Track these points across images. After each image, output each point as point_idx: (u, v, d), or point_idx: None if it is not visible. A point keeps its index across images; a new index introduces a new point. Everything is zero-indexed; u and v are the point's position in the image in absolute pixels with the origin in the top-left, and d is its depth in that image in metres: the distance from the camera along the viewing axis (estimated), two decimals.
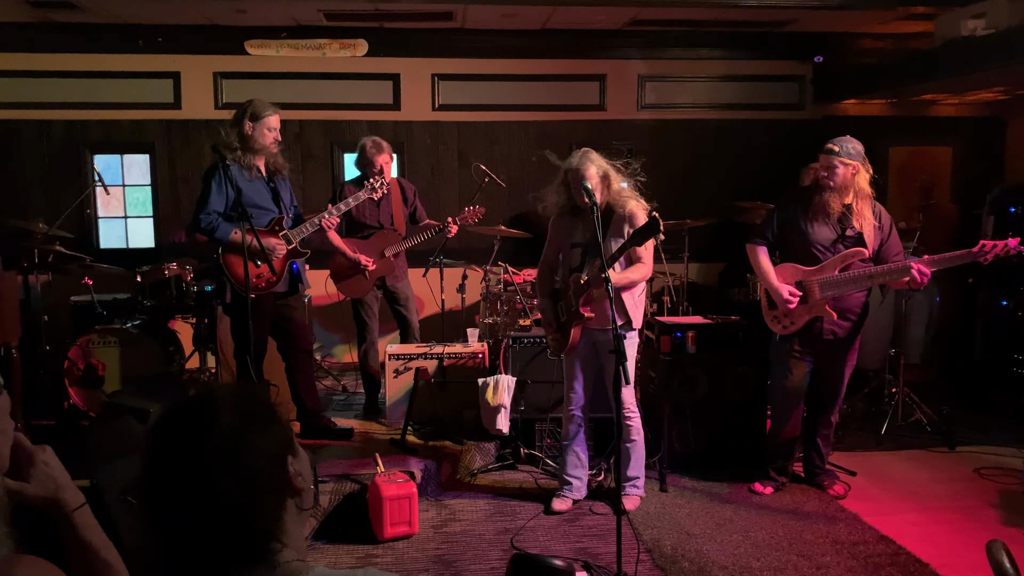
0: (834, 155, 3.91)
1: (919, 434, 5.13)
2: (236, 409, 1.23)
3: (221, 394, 1.26)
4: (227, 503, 1.17)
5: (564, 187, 3.91)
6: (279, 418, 1.29)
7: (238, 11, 6.15)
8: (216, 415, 1.21)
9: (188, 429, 1.21)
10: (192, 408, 1.25)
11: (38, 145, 6.69)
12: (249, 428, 1.22)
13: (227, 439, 1.19)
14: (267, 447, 1.23)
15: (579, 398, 4.04)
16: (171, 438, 1.22)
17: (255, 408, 1.26)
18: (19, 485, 1.46)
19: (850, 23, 6.69)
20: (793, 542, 3.69)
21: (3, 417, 1.46)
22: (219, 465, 1.17)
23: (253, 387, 1.28)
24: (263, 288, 4.27)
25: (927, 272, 3.75)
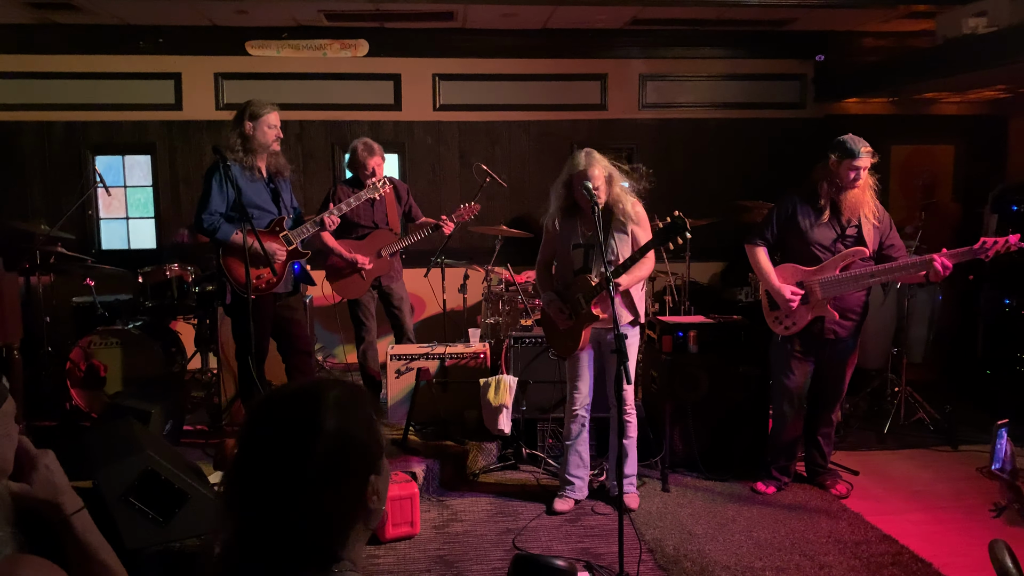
0: (867, 157, 3.88)
1: (921, 433, 5.12)
2: (340, 412, 1.20)
3: (329, 392, 1.22)
4: (306, 509, 1.15)
5: (566, 188, 3.90)
6: (376, 431, 1.26)
7: (239, 12, 6.15)
8: (321, 414, 1.18)
9: (292, 422, 1.18)
10: (299, 401, 1.22)
11: (39, 146, 6.70)
12: (349, 438, 1.19)
13: (328, 445, 1.16)
14: (360, 462, 1.21)
15: (584, 397, 4.03)
16: (273, 427, 1.19)
17: (358, 416, 1.23)
18: (22, 488, 1.47)
19: (851, 22, 6.68)
20: (796, 542, 3.68)
21: (7, 421, 1.46)
22: (314, 470, 1.15)
23: (360, 391, 1.29)
24: (263, 289, 4.27)
25: (950, 264, 3.72)
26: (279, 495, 1.15)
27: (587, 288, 3.79)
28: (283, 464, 1.15)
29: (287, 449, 1.16)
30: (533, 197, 7.08)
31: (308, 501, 1.15)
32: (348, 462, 1.18)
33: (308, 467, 1.15)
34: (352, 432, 1.20)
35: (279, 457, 1.16)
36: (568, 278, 3.96)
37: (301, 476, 1.15)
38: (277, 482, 1.15)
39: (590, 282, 3.79)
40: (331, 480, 1.16)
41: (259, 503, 1.16)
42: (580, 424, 4.05)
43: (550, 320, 4.08)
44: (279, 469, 1.15)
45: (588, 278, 3.80)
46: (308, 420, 1.18)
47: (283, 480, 1.15)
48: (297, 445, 1.16)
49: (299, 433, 1.17)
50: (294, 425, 1.18)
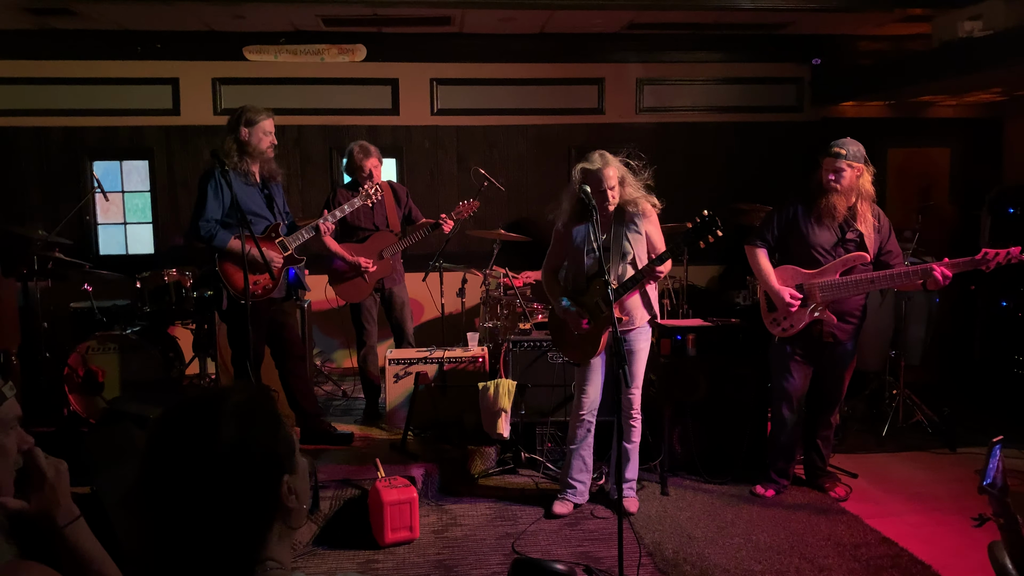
0: (841, 159, 3.91)
1: (920, 435, 5.13)
2: (239, 419, 1.20)
3: (226, 400, 1.22)
4: (216, 518, 1.16)
5: (574, 194, 3.84)
6: (281, 432, 1.25)
7: (236, 17, 6.16)
8: (219, 424, 1.18)
9: (189, 435, 1.18)
10: (195, 412, 1.22)
11: (37, 152, 6.69)
12: (251, 443, 1.19)
13: (228, 453, 1.17)
14: (266, 465, 1.20)
15: (592, 402, 4.00)
16: (171, 442, 1.19)
17: (260, 420, 1.23)
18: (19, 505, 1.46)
19: (848, 25, 6.70)
20: (795, 545, 3.68)
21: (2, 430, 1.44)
22: (217, 479, 1.15)
23: (259, 394, 1.29)
24: (259, 295, 4.27)
25: (950, 274, 3.73)
26: (184, 506, 1.16)
27: (607, 290, 3.78)
28: (184, 476, 1.16)
29: (186, 461, 1.16)
30: (531, 201, 7.09)
31: (215, 509, 1.15)
32: (252, 467, 1.18)
33: (210, 476, 1.15)
34: (253, 437, 1.19)
35: (179, 469, 1.16)
36: (580, 283, 3.92)
37: (205, 485, 1.15)
38: (180, 494, 1.16)
39: (611, 284, 3.78)
40: (235, 487, 1.16)
41: (166, 515, 1.17)
42: (586, 429, 4.03)
43: (561, 326, 4.02)
44: (181, 481, 1.16)
45: (608, 281, 3.79)
46: (204, 431, 1.18)
47: (186, 491, 1.15)
48: (195, 456, 1.16)
49: (196, 444, 1.17)
50: (190, 437, 1.18)
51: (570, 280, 4.00)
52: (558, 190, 6.96)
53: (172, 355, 5.55)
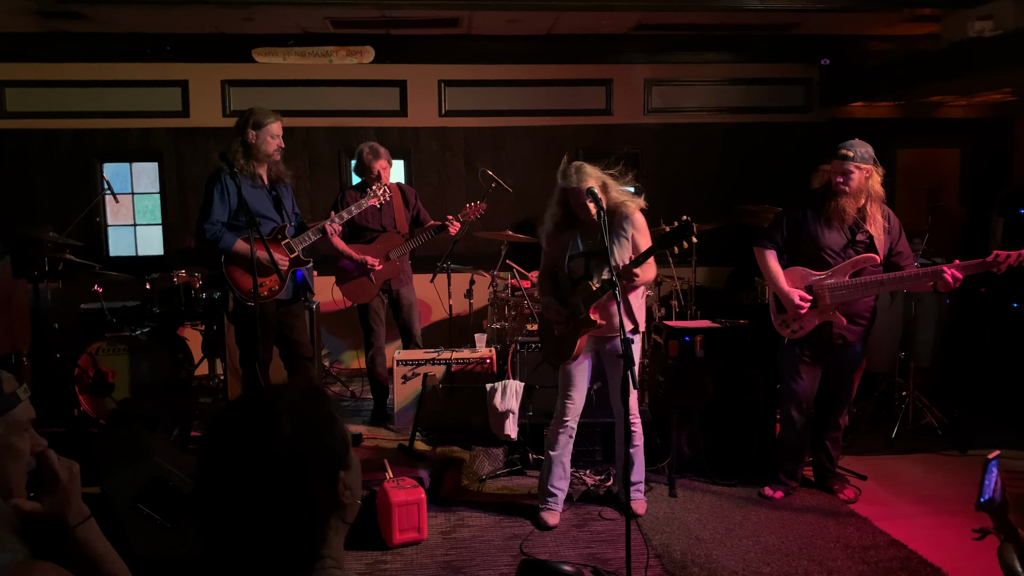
0: (849, 160, 3.89)
1: (930, 437, 5.10)
2: (297, 416, 1.21)
3: (282, 398, 1.23)
4: (277, 513, 1.16)
5: (560, 204, 3.86)
6: (336, 428, 1.27)
7: (245, 19, 6.19)
8: (278, 420, 1.19)
9: (249, 432, 1.19)
10: (254, 410, 1.23)
11: (48, 154, 6.74)
12: (309, 440, 1.20)
13: (287, 451, 1.17)
14: (323, 461, 1.22)
15: (576, 408, 3.96)
16: (232, 439, 1.20)
17: (316, 418, 1.24)
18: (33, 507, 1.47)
19: (856, 25, 6.68)
20: (803, 547, 3.67)
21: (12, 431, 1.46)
22: (277, 477, 1.16)
23: (313, 392, 1.30)
24: (266, 297, 4.28)
25: (960, 276, 3.71)
26: (246, 504, 1.16)
27: (587, 293, 3.77)
28: (245, 473, 1.17)
29: (246, 459, 1.17)
30: (538, 202, 7.03)
31: (276, 507, 1.16)
32: (310, 464, 1.19)
33: (270, 474, 1.16)
34: (311, 434, 1.21)
35: (240, 467, 1.17)
36: (567, 289, 3.91)
37: (265, 483, 1.16)
38: (242, 492, 1.16)
39: (591, 287, 3.77)
40: (296, 483, 1.17)
41: (228, 514, 1.17)
42: (568, 436, 3.98)
43: (547, 326, 4.03)
44: (242, 479, 1.17)
45: (589, 284, 3.78)
46: (264, 428, 1.19)
47: (248, 489, 1.16)
48: (256, 454, 1.17)
49: (256, 442, 1.18)
50: (251, 434, 1.19)
51: (563, 283, 3.98)
52: None
53: (181, 356, 5.57)
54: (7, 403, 1.45)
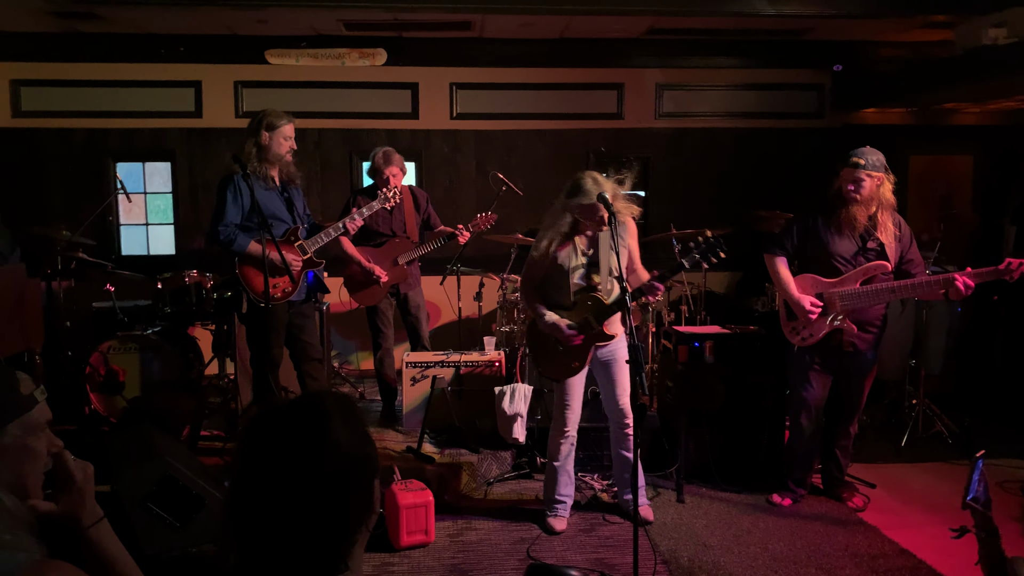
0: (860, 169, 3.87)
1: (940, 446, 5.07)
2: (347, 423, 1.21)
3: (326, 403, 1.23)
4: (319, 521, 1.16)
5: (572, 213, 3.77)
6: (371, 438, 1.27)
7: (259, 21, 6.21)
8: (330, 425, 1.18)
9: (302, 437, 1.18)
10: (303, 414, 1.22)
11: (62, 153, 6.79)
12: (356, 446, 1.20)
13: (339, 456, 1.17)
14: (367, 468, 1.22)
15: (577, 417, 3.95)
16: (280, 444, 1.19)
17: (359, 424, 1.24)
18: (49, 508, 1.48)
19: (869, 32, 6.66)
20: (812, 555, 3.66)
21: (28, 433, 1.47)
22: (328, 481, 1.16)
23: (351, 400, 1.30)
24: (279, 298, 4.30)
25: (972, 284, 3.70)
26: (288, 509, 1.15)
27: (600, 306, 3.74)
28: (292, 479, 1.15)
29: (298, 463, 1.16)
30: (549, 205, 7.08)
31: (324, 513, 1.15)
32: (358, 472, 1.19)
33: (321, 481, 1.15)
34: (358, 442, 1.21)
35: (288, 472, 1.16)
36: (563, 299, 3.84)
37: (313, 490, 1.15)
38: (286, 497, 1.15)
39: (601, 300, 3.75)
40: (346, 491, 1.17)
41: (267, 517, 1.16)
42: (570, 444, 3.98)
43: (544, 341, 3.91)
44: (288, 484, 1.15)
45: (598, 296, 3.78)
46: (318, 434, 1.18)
47: (293, 495, 1.15)
48: (309, 459, 1.16)
49: (310, 447, 1.17)
50: (304, 439, 1.18)
51: (551, 296, 3.89)
52: None
53: (192, 355, 5.60)
54: (24, 405, 1.47)
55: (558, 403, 3.95)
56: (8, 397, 1.45)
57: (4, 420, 1.43)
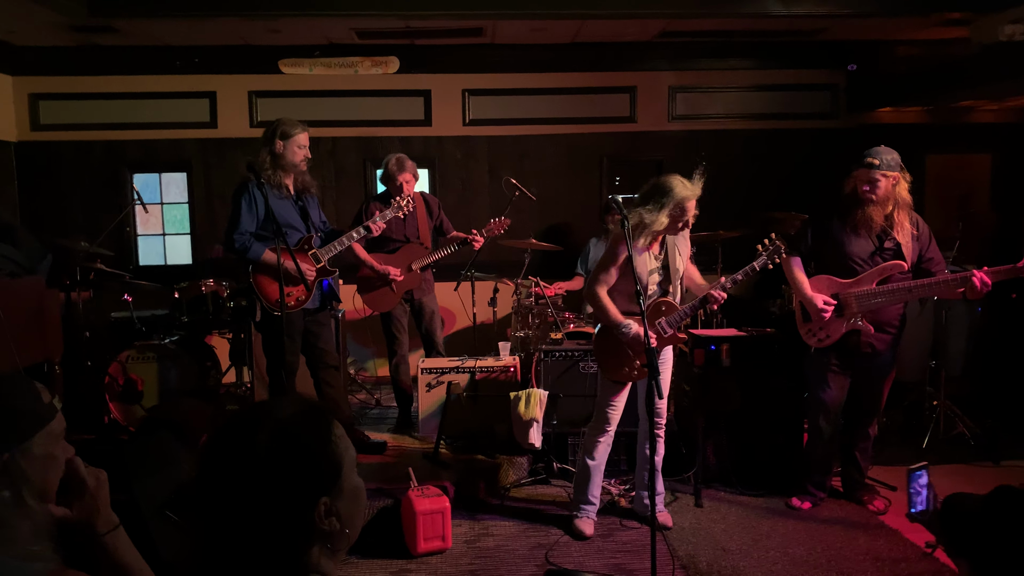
0: (875, 169, 3.84)
1: (962, 448, 5.01)
2: (279, 435, 1.18)
3: (271, 414, 1.21)
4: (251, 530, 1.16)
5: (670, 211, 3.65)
6: (327, 450, 1.22)
7: (272, 31, 6.26)
8: (255, 436, 1.17)
9: (230, 444, 1.19)
10: (239, 423, 1.22)
11: (80, 165, 6.87)
12: (283, 459, 1.17)
13: (257, 466, 1.16)
14: (297, 483, 1.17)
15: (618, 417, 3.96)
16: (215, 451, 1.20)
17: (302, 438, 1.20)
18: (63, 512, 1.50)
19: (884, 30, 6.61)
20: (832, 559, 3.62)
21: (53, 442, 1.49)
22: (249, 489, 1.15)
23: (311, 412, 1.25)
24: (292, 307, 4.32)
25: (989, 282, 3.65)
26: (223, 515, 1.16)
27: (675, 311, 3.80)
28: (222, 485, 1.17)
29: (223, 470, 1.17)
30: (563, 210, 7.10)
31: (250, 521, 1.15)
32: (281, 483, 1.16)
33: (244, 487, 1.15)
34: (289, 453, 1.17)
35: (217, 477, 1.18)
36: (632, 305, 3.69)
37: (239, 496, 1.15)
38: (218, 502, 1.16)
39: (676, 306, 3.81)
40: (265, 501, 1.15)
41: (208, 521, 1.18)
42: (607, 444, 3.98)
43: (615, 348, 3.81)
44: (218, 489, 1.17)
45: (672, 302, 3.82)
46: (241, 441, 1.18)
47: (222, 500, 1.16)
48: (231, 466, 1.17)
49: (233, 454, 1.17)
50: (230, 446, 1.19)
51: (617, 301, 3.79)
52: (590, 199, 7.03)
53: (209, 364, 5.63)
54: (48, 414, 1.49)
55: (603, 403, 3.94)
56: (34, 407, 1.47)
57: (33, 430, 1.45)
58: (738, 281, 3.79)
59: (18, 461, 1.41)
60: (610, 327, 3.78)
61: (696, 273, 4.00)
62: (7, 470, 1.40)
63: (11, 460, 1.40)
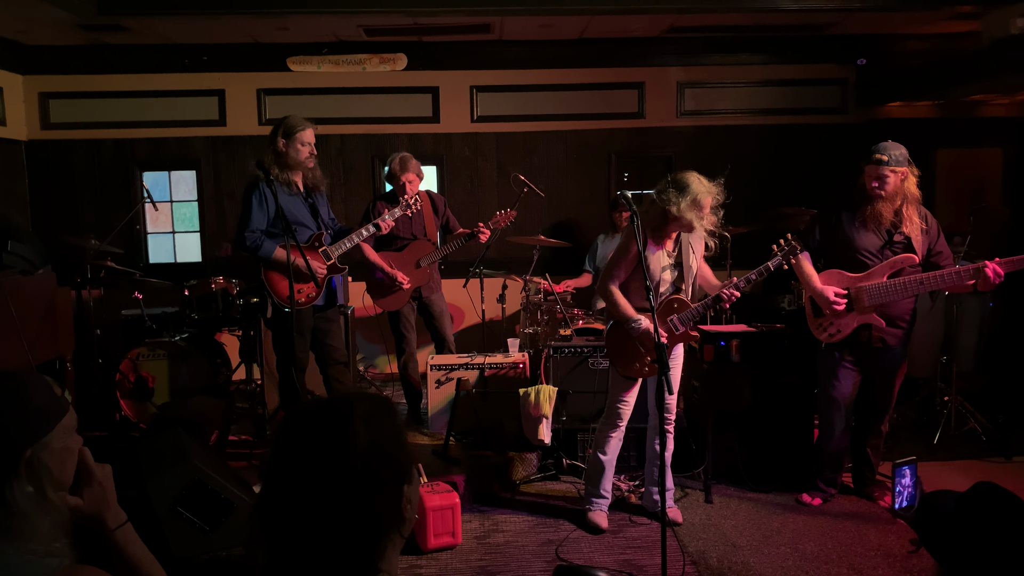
0: (884, 165, 3.83)
1: (974, 444, 4.99)
2: (372, 427, 1.20)
3: (356, 406, 1.23)
4: (344, 526, 1.16)
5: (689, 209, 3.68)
6: (404, 440, 1.26)
7: (280, 29, 6.27)
8: (353, 427, 1.18)
9: (324, 441, 1.19)
10: (328, 416, 1.22)
11: (90, 164, 6.89)
12: (381, 451, 1.20)
13: (361, 460, 1.17)
14: (394, 473, 1.21)
15: (629, 415, 3.97)
16: (304, 447, 1.20)
17: (388, 428, 1.23)
18: (76, 502, 1.52)
19: (894, 24, 6.57)
20: (843, 555, 3.61)
21: (67, 435, 1.51)
22: (348, 486, 1.16)
23: (383, 403, 1.29)
24: (303, 303, 4.33)
25: (1002, 273, 3.64)
26: (315, 510, 1.15)
27: (687, 309, 3.80)
28: (317, 479, 1.16)
29: (320, 464, 1.17)
30: (571, 206, 7.09)
31: (344, 515, 1.15)
32: (381, 474, 1.18)
33: (343, 481, 1.15)
34: (383, 444, 1.20)
35: (313, 472, 1.17)
36: (644, 301, 3.68)
37: (336, 490, 1.15)
38: (313, 497, 1.16)
39: (688, 304, 3.81)
40: (366, 493, 1.17)
41: (295, 518, 1.17)
42: (619, 439, 4.00)
43: (628, 343, 3.82)
44: (314, 484, 1.16)
45: (684, 300, 3.82)
46: (340, 434, 1.18)
47: (318, 495, 1.15)
48: (331, 459, 1.16)
49: (332, 447, 1.17)
50: (326, 439, 1.19)
51: (630, 297, 3.81)
52: (598, 196, 7.02)
53: (219, 361, 5.66)
54: (63, 407, 1.51)
55: (615, 399, 3.95)
56: (51, 402, 1.49)
57: (52, 423, 1.47)
58: (752, 280, 3.79)
59: (40, 455, 1.43)
60: (622, 322, 3.79)
61: (709, 272, 4.00)
62: (30, 465, 1.42)
63: (32, 455, 1.42)
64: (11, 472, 1.39)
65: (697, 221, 3.69)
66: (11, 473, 1.39)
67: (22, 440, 1.41)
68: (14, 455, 1.40)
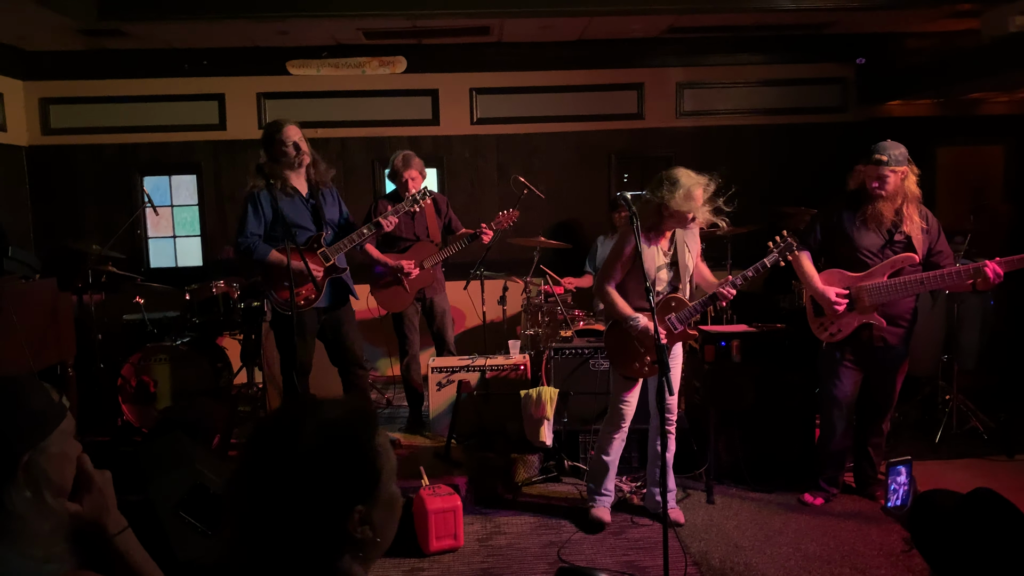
0: (884, 165, 3.83)
1: (976, 442, 4.98)
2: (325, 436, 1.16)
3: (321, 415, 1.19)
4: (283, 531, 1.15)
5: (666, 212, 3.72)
6: (367, 458, 1.19)
7: (280, 32, 6.28)
8: (300, 435, 1.16)
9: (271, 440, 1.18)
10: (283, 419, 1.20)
11: (91, 169, 6.91)
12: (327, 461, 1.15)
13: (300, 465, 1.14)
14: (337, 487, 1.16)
15: (631, 415, 3.97)
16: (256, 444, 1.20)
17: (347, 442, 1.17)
18: (75, 509, 1.52)
19: (893, 23, 6.57)
20: (845, 554, 3.61)
21: (64, 440, 1.51)
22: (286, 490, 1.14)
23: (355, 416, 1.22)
24: (302, 306, 4.33)
25: (1002, 272, 3.64)
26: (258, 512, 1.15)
27: (684, 307, 3.80)
28: (259, 484, 1.16)
29: (264, 465, 1.17)
30: (572, 207, 7.09)
31: (282, 522, 1.14)
32: (321, 486, 1.14)
33: (281, 485, 1.14)
34: (333, 456, 1.15)
35: (257, 473, 1.17)
36: (641, 301, 3.74)
37: (275, 494, 1.14)
38: (256, 498, 1.15)
39: (686, 302, 3.81)
40: (300, 504, 1.13)
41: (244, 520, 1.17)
42: (622, 440, 4.01)
43: (626, 342, 3.82)
44: (258, 485, 1.16)
45: (681, 298, 3.81)
46: (285, 437, 1.16)
47: (261, 497, 1.15)
48: (272, 461, 1.16)
49: (275, 451, 1.16)
50: (272, 440, 1.18)
51: (627, 296, 3.82)
52: (599, 196, 7.01)
53: (221, 365, 5.66)
54: (61, 412, 1.52)
55: (616, 400, 3.95)
56: (49, 407, 1.49)
57: (50, 428, 1.48)
58: (748, 278, 3.79)
59: (37, 460, 1.44)
60: (620, 321, 3.79)
61: (706, 270, 4.01)
62: (28, 470, 1.42)
63: (31, 460, 1.43)
64: (9, 476, 1.40)
65: (695, 212, 3.70)
66: (9, 477, 1.40)
67: (20, 444, 1.42)
68: (12, 459, 1.41)
